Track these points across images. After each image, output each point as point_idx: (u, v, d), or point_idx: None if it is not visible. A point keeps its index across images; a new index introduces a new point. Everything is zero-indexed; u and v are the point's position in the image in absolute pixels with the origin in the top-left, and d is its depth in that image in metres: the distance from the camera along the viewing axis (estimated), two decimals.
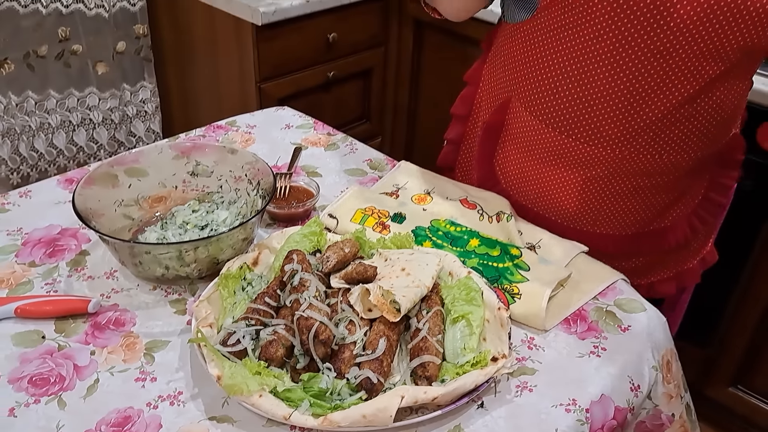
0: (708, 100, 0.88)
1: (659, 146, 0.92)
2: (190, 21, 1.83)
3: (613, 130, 0.91)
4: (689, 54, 0.83)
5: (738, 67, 0.86)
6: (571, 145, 0.96)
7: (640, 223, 1.02)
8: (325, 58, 1.89)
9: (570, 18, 0.87)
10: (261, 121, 1.27)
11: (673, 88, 0.86)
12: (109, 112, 1.90)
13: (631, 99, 0.88)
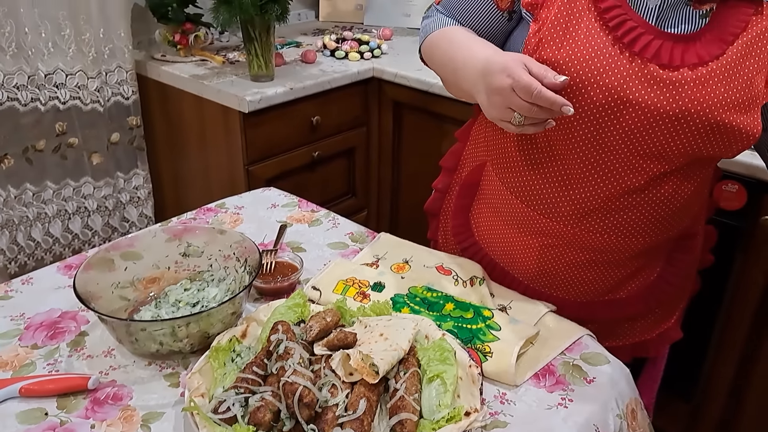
0: (655, 193, 0.95)
1: (608, 228, 0.99)
2: (181, 111, 1.95)
3: (566, 208, 0.99)
4: (633, 152, 0.91)
5: (686, 169, 0.94)
6: (530, 214, 1.04)
7: (594, 292, 1.08)
8: (310, 140, 1.99)
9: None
10: (249, 202, 1.36)
11: (618, 178, 0.93)
12: (104, 200, 1.98)
13: (582, 183, 0.95)
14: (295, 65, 2.03)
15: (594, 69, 0.86)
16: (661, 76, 0.85)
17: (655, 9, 0.87)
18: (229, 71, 1.92)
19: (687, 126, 0.86)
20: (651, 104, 0.86)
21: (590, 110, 0.88)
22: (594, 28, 0.87)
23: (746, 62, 0.86)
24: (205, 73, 1.89)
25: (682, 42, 0.86)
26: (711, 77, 0.85)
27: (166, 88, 1.94)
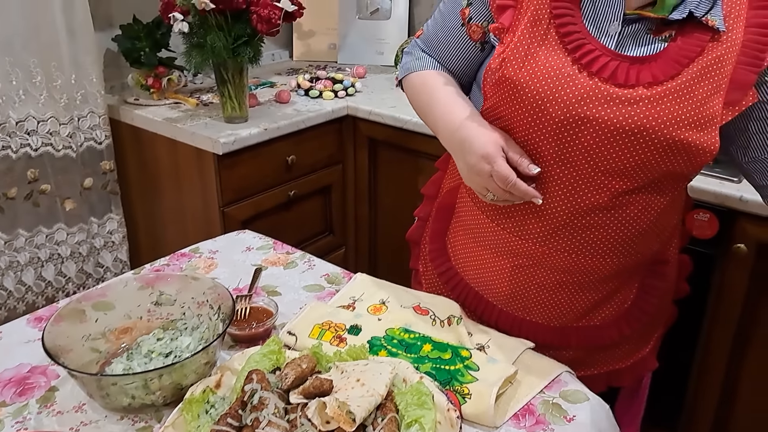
0: (621, 213, 0.97)
1: (576, 247, 1.00)
2: (155, 154, 1.94)
3: (534, 227, 1.01)
4: (594, 169, 0.93)
5: (651, 189, 0.95)
6: (501, 234, 1.05)
7: (568, 317, 1.08)
8: (285, 179, 1.99)
9: (499, 121, 0.98)
10: (223, 246, 1.34)
11: (583, 195, 0.95)
12: (77, 246, 1.95)
13: (548, 200, 0.97)
14: (270, 105, 2.04)
15: (553, 87, 0.90)
16: (617, 93, 0.89)
17: (615, 35, 0.92)
18: (202, 113, 1.92)
19: (643, 141, 0.89)
20: (608, 120, 0.89)
21: (551, 127, 0.92)
22: (554, 50, 0.91)
23: (701, 84, 0.89)
24: (178, 116, 1.89)
25: (638, 63, 0.90)
26: (665, 96, 0.89)
27: (140, 132, 1.94)
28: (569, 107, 0.90)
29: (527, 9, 0.93)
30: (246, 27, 1.68)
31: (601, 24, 0.92)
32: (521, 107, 0.93)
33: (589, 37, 0.91)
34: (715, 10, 0.90)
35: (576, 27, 0.91)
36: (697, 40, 0.89)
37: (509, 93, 0.94)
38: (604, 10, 0.92)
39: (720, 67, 0.89)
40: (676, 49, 0.90)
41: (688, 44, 0.89)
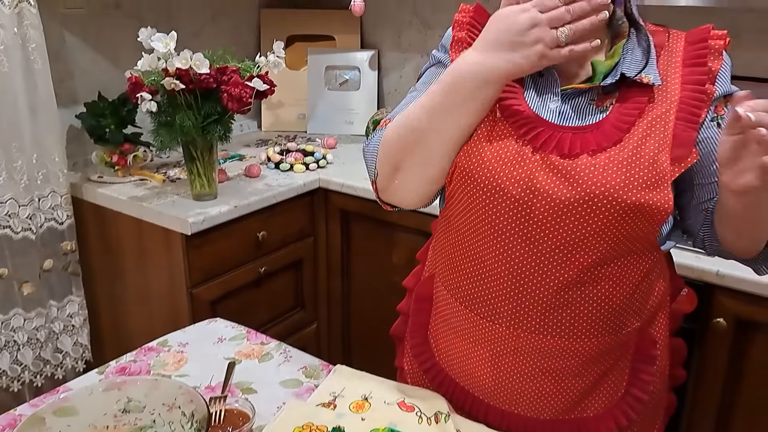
0: (592, 290, 0.96)
1: (551, 328, 0.98)
2: (119, 234, 1.87)
3: (505, 308, 0.99)
4: (555, 243, 0.93)
5: (620, 261, 0.95)
6: (476, 321, 1.03)
7: (556, 407, 1.04)
8: (256, 255, 1.94)
9: (460, 205, 1.01)
10: (193, 338, 1.28)
11: (549, 273, 0.95)
12: (35, 332, 1.85)
13: (516, 280, 0.97)
14: (239, 180, 2.00)
15: (507, 165, 0.94)
16: (563, 164, 0.91)
17: (556, 110, 0.96)
18: (170, 190, 1.87)
19: (596, 208, 0.91)
20: (558, 192, 0.91)
21: (509, 205, 0.95)
22: (503, 132, 0.96)
23: (647, 143, 0.91)
24: (144, 194, 1.83)
25: (581, 132, 0.93)
26: (612, 161, 0.90)
27: (104, 211, 1.87)
28: (521, 182, 0.93)
29: None
30: (216, 105, 1.65)
31: (543, 102, 0.97)
32: (478, 190, 0.96)
33: (533, 114, 0.95)
34: (648, 69, 0.94)
35: (521, 107, 0.95)
36: (636, 103, 0.93)
37: (466, 179, 0.97)
38: (544, 88, 0.97)
39: (662, 124, 0.93)
40: (617, 116, 0.93)
41: (628, 108, 0.93)
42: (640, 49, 0.97)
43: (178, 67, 1.55)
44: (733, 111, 0.80)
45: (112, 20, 2.07)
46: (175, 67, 1.55)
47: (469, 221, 1.01)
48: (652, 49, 0.96)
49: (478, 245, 1.01)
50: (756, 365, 1.47)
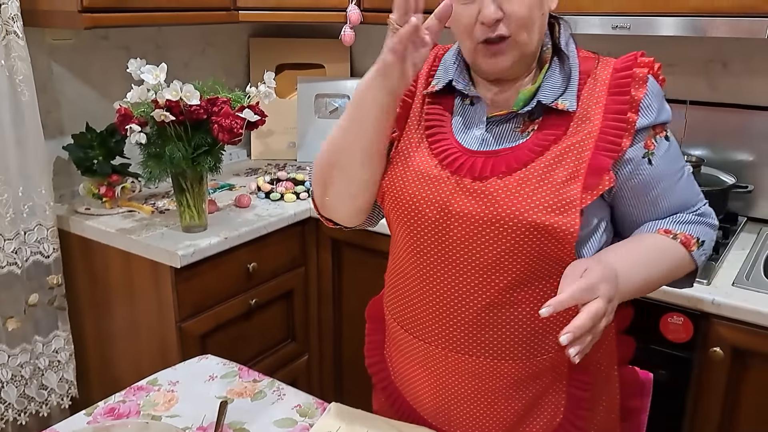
0: (513, 311, 0.99)
1: (478, 349, 1.01)
2: (107, 267, 1.84)
3: (435, 329, 1.04)
4: (473, 263, 0.97)
5: (539, 283, 0.98)
6: (412, 341, 1.08)
7: (496, 430, 1.05)
8: (246, 287, 1.91)
9: (392, 227, 1.09)
10: (183, 376, 1.24)
11: (469, 293, 0.99)
12: (19, 368, 1.80)
13: (441, 301, 1.02)
14: (229, 211, 1.98)
15: (425, 189, 1.00)
16: (474, 187, 0.96)
17: (479, 137, 1.01)
18: (158, 222, 1.85)
19: (505, 228, 0.95)
20: (470, 213, 0.96)
21: (427, 226, 1.00)
22: (425, 156, 1.02)
23: (557, 169, 0.95)
24: (132, 226, 1.80)
25: (494, 156, 0.98)
26: (519, 184, 0.95)
27: (91, 244, 1.84)
28: (438, 205, 0.98)
29: (408, 125, 1.05)
30: (206, 136, 1.64)
31: (469, 130, 1.02)
32: (402, 212, 1.02)
33: (454, 141, 1.01)
34: (566, 95, 0.97)
35: (444, 134, 1.02)
36: (554, 130, 0.97)
37: (391, 201, 1.04)
38: (471, 117, 1.03)
39: (577, 152, 0.95)
40: (533, 140, 0.97)
41: (545, 134, 0.97)
42: (560, 76, 0.99)
43: (168, 98, 1.53)
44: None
45: (100, 51, 2.05)
46: (165, 98, 1.53)
47: (399, 243, 1.07)
48: (574, 76, 0.99)
49: (407, 267, 1.06)
50: (753, 394, 1.46)
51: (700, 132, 1.91)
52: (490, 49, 0.96)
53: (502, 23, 0.94)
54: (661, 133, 1.01)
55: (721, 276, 1.53)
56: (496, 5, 0.93)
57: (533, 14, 0.94)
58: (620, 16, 1.63)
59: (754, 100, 1.84)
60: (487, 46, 0.96)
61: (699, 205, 1.08)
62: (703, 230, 1.06)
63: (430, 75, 1.08)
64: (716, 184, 1.75)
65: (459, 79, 1.04)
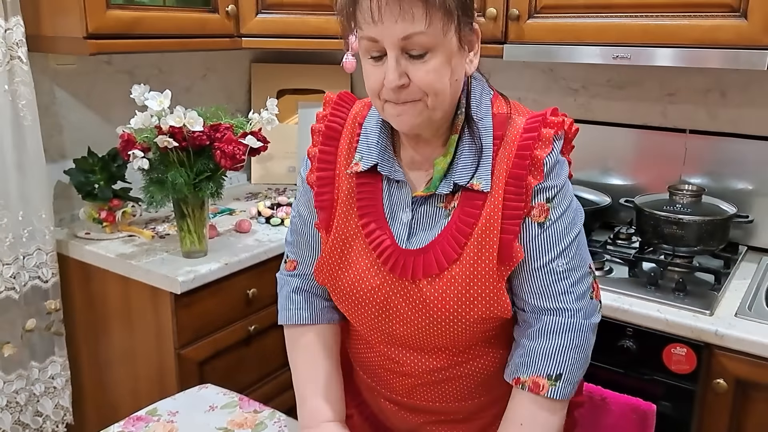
0: (464, 368, 1.05)
1: (436, 397, 1.08)
2: (105, 292, 1.82)
3: (397, 384, 1.10)
4: (417, 348, 1.03)
5: (479, 348, 1.04)
6: (374, 387, 1.14)
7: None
8: (246, 314, 1.90)
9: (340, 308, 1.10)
10: (183, 405, 1.23)
11: (420, 363, 1.04)
12: (14, 395, 1.78)
13: (397, 365, 1.07)
14: (230, 236, 1.97)
15: (365, 289, 1.01)
16: (409, 289, 0.98)
17: (407, 223, 1.00)
18: (158, 247, 1.84)
19: (443, 327, 0.98)
20: (408, 316, 0.99)
21: (371, 319, 1.03)
22: (363, 250, 1.01)
23: (482, 257, 0.95)
24: (132, 252, 1.79)
25: (423, 254, 0.97)
26: (451, 283, 0.96)
27: (90, 269, 1.83)
28: (379, 304, 1.00)
29: (338, 210, 1.03)
30: (209, 162, 1.64)
31: (396, 215, 1.00)
32: (344, 302, 1.05)
33: (387, 229, 1.00)
34: (480, 173, 0.96)
35: (377, 224, 1.00)
36: (472, 208, 0.96)
37: (333, 292, 1.06)
38: (398, 200, 1.01)
39: (492, 228, 0.95)
40: (456, 225, 0.96)
41: (465, 215, 0.96)
42: (472, 152, 0.96)
43: (171, 125, 1.53)
44: None
45: (103, 75, 2.06)
46: (169, 125, 1.53)
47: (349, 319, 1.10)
48: (487, 147, 0.96)
49: (354, 330, 1.12)
50: (757, 427, 1.44)
51: (701, 161, 1.92)
52: (396, 108, 0.92)
53: (408, 89, 0.90)
54: (539, 215, 0.97)
55: (724, 306, 1.52)
56: (400, 71, 0.89)
57: (442, 82, 0.91)
58: (621, 47, 1.64)
59: (754, 130, 1.85)
60: (393, 105, 0.92)
61: (569, 294, 1.00)
62: (559, 347, 0.98)
63: (351, 146, 1.03)
64: (717, 213, 1.75)
65: (384, 163, 1.00)
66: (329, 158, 1.04)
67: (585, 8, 1.67)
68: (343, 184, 1.03)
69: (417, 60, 0.89)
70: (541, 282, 0.99)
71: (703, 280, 1.66)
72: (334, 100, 1.08)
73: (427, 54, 0.89)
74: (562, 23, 1.70)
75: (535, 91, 2.17)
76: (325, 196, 1.04)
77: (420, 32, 0.87)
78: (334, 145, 1.04)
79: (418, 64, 0.89)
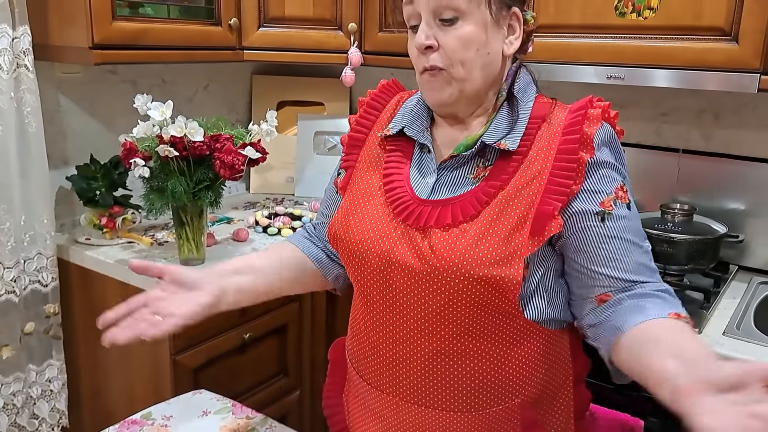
0: (461, 362, 0.98)
1: (426, 399, 1.01)
2: (104, 297, 1.85)
3: (386, 377, 1.04)
4: (417, 312, 0.97)
5: (480, 332, 0.97)
6: (368, 389, 1.08)
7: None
8: (240, 321, 1.92)
9: (347, 272, 1.09)
10: (178, 411, 1.25)
11: (418, 342, 0.98)
12: (11, 397, 1.80)
13: (391, 348, 1.02)
14: (227, 244, 2.00)
15: (371, 239, 1.00)
16: (417, 237, 0.96)
17: (431, 184, 1.01)
18: (157, 254, 1.86)
19: (445, 280, 0.93)
20: (410, 264, 0.96)
21: (372, 275, 1.00)
22: (380, 205, 1.02)
23: (501, 219, 0.93)
24: (131, 258, 1.82)
25: (441, 206, 0.96)
26: (462, 237, 0.93)
27: (89, 274, 1.85)
28: (381, 255, 0.98)
29: (361, 167, 1.07)
30: (208, 172, 1.66)
31: (423, 177, 1.02)
32: (349, 259, 1.04)
33: (409, 188, 1.01)
34: (510, 137, 0.97)
35: (399, 182, 1.02)
36: (503, 173, 0.96)
37: (341, 246, 1.05)
38: (426, 165, 1.03)
39: (525, 196, 0.94)
40: (482, 188, 0.96)
41: (493, 180, 0.96)
42: (507, 120, 0.99)
43: (173, 134, 1.56)
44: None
45: (107, 85, 2.09)
46: (170, 134, 1.56)
47: (355, 288, 1.09)
48: (523, 118, 0.98)
49: (359, 313, 1.08)
50: None
51: (693, 181, 1.95)
52: (429, 80, 0.98)
53: (437, 54, 0.96)
54: (623, 198, 0.97)
55: (713, 325, 1.54)
56: (428, 34, 0.96)
57: (469, 51, 0.95)
58: (615, 67, 1.67)
59: (746, 151, 1.88)
60: (428, 78, 0.98)
61: (656, 284, 0.98)
62: (669, 297, 0.96)
63: (390, 118, 1.11)
64: (708, 233, 1.78)
65: (412, 126, 1.05)
66: (366, 123, 1.12)
67: (580, 29, 1.71)
68: (373, 148, 1.09)
69: (448, 26, 0.95)
70: (640, 259, 0.96)
71: (692, 298, 1.69)
72: (386, 83, 1.16)
73: (458, 21, 0.95)
74: (557, 43, 1.73)
75: None
76: (352, 156, 1.10)
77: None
78: (375, 114, 1.12)
79: (448, 29, 0.95)
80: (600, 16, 1.67)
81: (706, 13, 1.54)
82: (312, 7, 2.09)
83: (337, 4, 2.10)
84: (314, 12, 2.09)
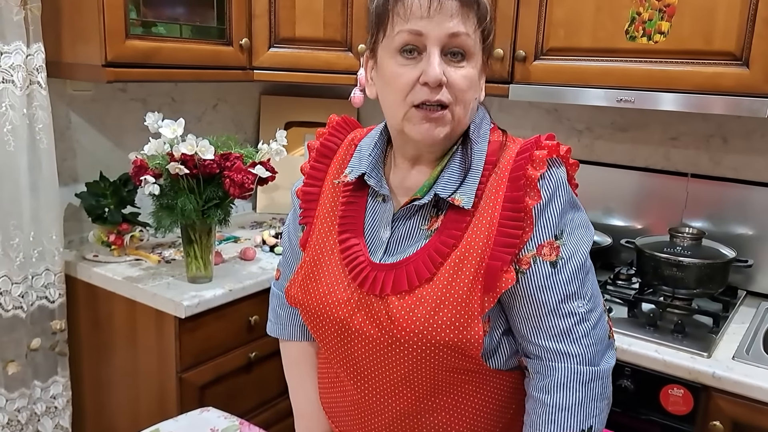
0: (430, 418, 0.97)
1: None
2: (111, 314, 1.85)
3: (367, 427, 1.03)
4: (380, 378, 0.96)
5: (446, 390, 0.96)
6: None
7: None
8: (247, 340, 1.91)
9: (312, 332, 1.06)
10: (185, 427, 1.25)
11: (383, 404, 0.99)
12: (16, 413, 1.79)
13: (357, 408, 1.02)
14: (234, 263, 2.00)
15: (330, 305, 0.96)
16: (374, 305, 0.93)
17: (386, 241, 0.96)
18: (165, 272, 1.86)
19: (406, 349, 0.91)
20: (370, 334, 0.93)
21: (330, 340, 0.99)
22: (336, 266, 0.98)
23: (458, 280, 0.89)
24: (139, 275, 1.82)
25: (395, 269, 0.93)
26: (420, 302, 0.90)
27: (96, 290, 1.85)
28: (341, 323, 0.96)
29: (318, 223, 1.02)
30: (218, 190, 1.67)
31: (377, 232, 0.98)
32: (310, 321, 1.01)
33: (363, 247, 0.97)
34: (463, 189, 0.92)
35: (355, 240, 0.97)
36: (455, 230, 0.91)
37: (301, 309, 1.02)
38: (380, 217, 0.98)
39: (478, 251, 0.90)
40: (435, 245, 0.92)
41: (446, 236, 0.92)
42: (459, 168, 0.94)
43: (183, 152, 1.57)
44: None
45: (117, 102, 2.11)
46: (181, 152, 1.57)
47: (318, 345, 1.07)
48: (476, 167, 0.94)
49: (325, 371, 1.09)
50: None
51: (702, 205, 1.95)
52: (428, 114, 0.90)
53: (443, 90, 0.89)
54: (547, 255, 0.92)
55: (722, 349, 1.53)
56: (443, 69, 0.88)
57: (470, 92, 0.92)
58: (625, 90, 1.68)
59: (755, 176, 1.88)
60: (424, 112, 0.90)
61: (589, 337, 0.94)
62: (585, 398, 0.92)
63: (344, 164, 1.03)
64: (717, 257, 1.77)
65: (372, 174, 0.98)
66: (319, 175, 1.05)
67: (590, 52, 1.72)
68: (328, 201, 1.02)
69: (454, 63, 0.90)
70: (558, 324, 0.92)
71: (701, 323, 1.68)
72: (337, 121, 1.09)
73: (464, 60, 0.90)
74: (567, 65, 1.74)
75: (540, 130, 2.21)
76: (309, 212, 1.04)
77: (466, 33, 0.89)
78: (326, 162, 1.05)
79: (455, 66, 0.90)
80: (610, 39, 1.68)
81: (717, 38, 1.55)
82: (322, 29, 2.11)
83: (347, 26, 2.12)
84: (324, 33, 2.11)
